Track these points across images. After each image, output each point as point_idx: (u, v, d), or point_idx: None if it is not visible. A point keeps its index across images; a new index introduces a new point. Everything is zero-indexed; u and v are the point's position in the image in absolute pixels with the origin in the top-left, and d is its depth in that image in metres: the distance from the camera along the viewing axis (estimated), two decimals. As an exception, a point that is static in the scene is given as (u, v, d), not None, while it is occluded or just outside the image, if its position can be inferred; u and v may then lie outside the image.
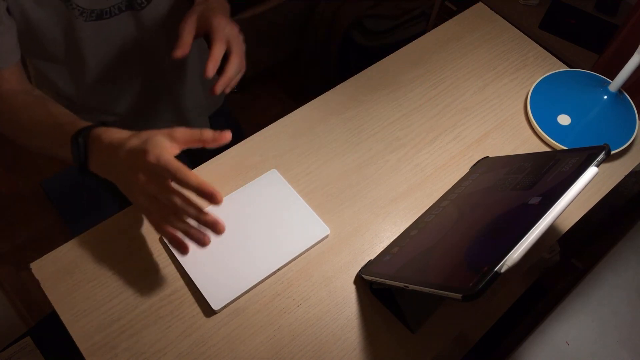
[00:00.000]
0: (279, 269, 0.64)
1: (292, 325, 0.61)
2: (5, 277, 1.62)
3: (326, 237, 0.67)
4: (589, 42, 1.64)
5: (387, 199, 0.71)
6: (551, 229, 0.62)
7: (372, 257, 0.65)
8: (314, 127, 0.77)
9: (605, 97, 0.77)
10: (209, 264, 0.62)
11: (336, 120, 0.78)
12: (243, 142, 0.75)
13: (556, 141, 0.76)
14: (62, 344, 1.35)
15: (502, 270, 0.43)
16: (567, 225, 0.71)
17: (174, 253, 0.63)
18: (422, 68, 0.85)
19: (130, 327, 0.59)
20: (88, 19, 0.68)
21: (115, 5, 0.69)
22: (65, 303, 0.60)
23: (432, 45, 0.88)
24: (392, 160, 0.75)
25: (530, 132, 0.79)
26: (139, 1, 0.71)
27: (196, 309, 0.61)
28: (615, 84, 0.75)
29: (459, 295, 0.43)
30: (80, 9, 0.66)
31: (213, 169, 0.72)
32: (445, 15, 1.86)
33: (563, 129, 0.77)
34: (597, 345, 0.77)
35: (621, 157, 0.77)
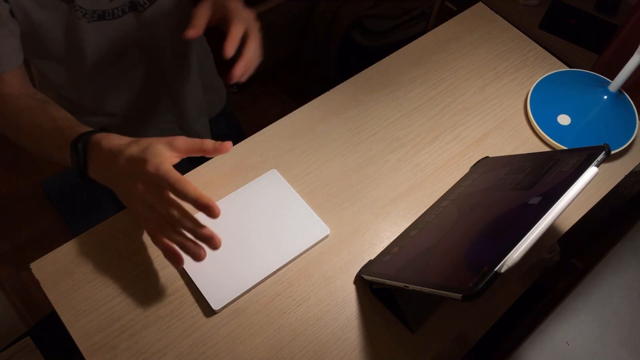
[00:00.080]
0: (279, 269, 0.64)
1: (292, 325, 0.61)
2: (5, 277, 1.62)
3: (326, 237, 0.67)
4: (589, 42, 1.64)
5: (387, 199, 0.71)
6: (551, 229, 0.62)
7: (372, 257, 0.65)
8: (314, 127, 0.77)
9: (605, 97, 0.77)
10: (209, 264, 0.62)
11: (336, 120, 0.78)
12: (243, 142, 0.75)
13: (556, 141, 0.76)
14: (62, 344, 1.35)
15: (502, 270, 0.43)
16: (567, 225, 0.71)
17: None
18: (422, 68, 0.85)
19: (130, 327, 0.59)
20: (90, 20, 0.68)
21: (119, 7, 0.69)
22: (65, 303, 0.60)
23: (432, 45, 0.88)
24: (392, 160, 0.75)
25: (530, 132, 0.79)
26: (142, 2, 0.71)
27: (196, 309, 0.61)
28: (615, 84, 0.75)
29: (459, 295, 0.43)
30: (82, 10, 0.66)
31: (213, 169, 0.72)
32: (445, 15, 1.86)
33: (563, 129, 0.77)
34: (597, 345, 0.77)
35: (621, 157, 0.77)
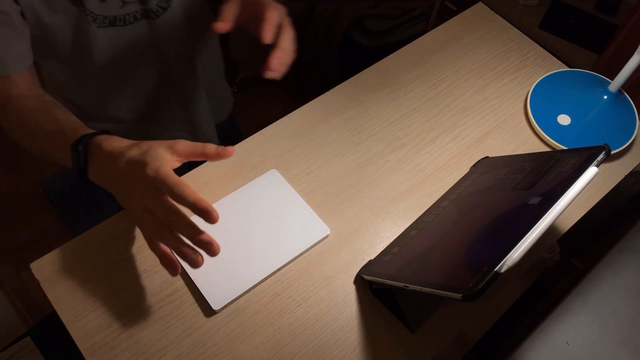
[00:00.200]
0: (279, 269, 0.64)
1: (292, 325, 0.61)
2: (5, 277, 1.62)
3: (326, 237, 0.67)
4: (589, 42, 1.64)
5: (387, 199, 0.71)
6: (551, 229, 0.62)
7: (372, 257, 0.65)
8: (314, 127, 0.77)
9: (605, 97, 0.77)
10: (209, 264, 0.62)
11: (336, 120, 0.78)
12: (243, 142, 0.75)
13: (556, 141, 0.76)
14: (62, 344, 1.35)
15: (502, 270, 0.43)
16: (567, 225, 0.71)
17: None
18: (422, 68, 0.85)
19: (130, 327, 0.59)
20: (101, 25, 0.67)
21: (130, 14, 0.69)
22: (65, 303, 0.60)
23: (432, 45, 0.88)
24: (392, 160, 0.75)
25: (530, 132, 0.79)
26: (155, 9, 0.70)
27: (196, 309, 0.61)
28: (615, 84, 0.75)
29: (459, 295, 0.43)
30: (93, 15, 0.65)
31: (213, 169, 0.72)
32: (445, 15, 1.86)
33: (563, 129, 0.77)
34: (597, 345, 0.77)
35: (621, 157, 0.77)
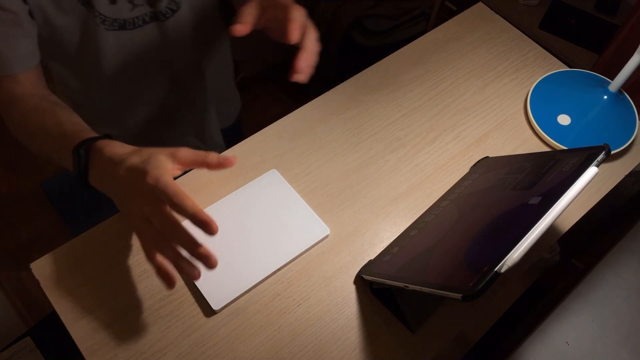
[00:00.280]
0: (279, 269, 0.64)
1: (292, 325, 0.61)
2: (5, 277, 1.62)
3: (326, 237, 0.67)
4: (589, 42, 1.64)
5: (387, 199, 0.71)
6: (551, 229, 0.62)
7: (372, 257, 0.65)
8: (314, 127, 0.77)
9: (605, 97, 0.77)
10: (209, 264, 0.62)
11: (336, 120, 0.78)
12: (243, 142, 0.75)
13: (556, 141, 0.76)
14: (62, 344, 1.35)
15: (502, 270, 0.43)
16: (567, 225, 0.71)
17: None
18: (422, 68, 0.85)
19: (130, 327, 0.59)
20: (110, 27, 0.67)
21: (139, 17, 0.68)
22: (65, 303, 0.60)
23: (432, 45, 0.88)
24: (392, 160, 0.75)
25: (530, 132, 0.79)
26: (164, 12, 0.69)
27: (196, 309, 0.61)
28: (615, 84, 0.75)
29: (459, 295, 0.43)
30: (102, 17, 0.65)
31: (213, 169, 0.72)
32: (445, 15, 1.86)
33: (563, 129, 0.77)
34: (597, 345, 0.77)
35: (621, 157, 0.77)
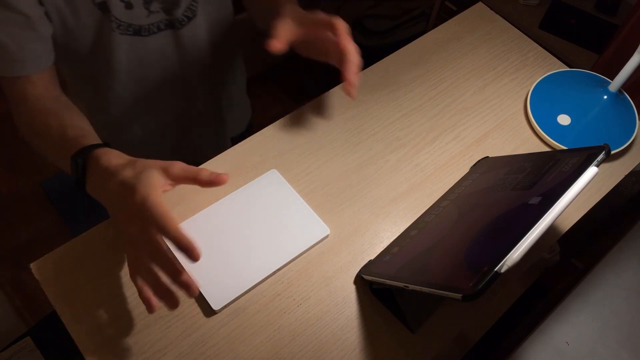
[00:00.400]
0: (279, 269, 0.64)
1: (292, 325, 0.61)
2: (5, 277, 1.62)
3: (326, 237, 0.67)
4: (589, 42, 1.64)
5: (387, 199, 0.71)
6: (551, 229, 0.62)
7: (372, 257, 0.65)
8: (314, 127, 0.77)
9: (605, 97, 0.77)
10: (209, 264, 0.62)
11: (336, 120, 0.78)
12: (243, 142, 0.75)
13: (556, 141, 0.76)
14: (62, 344, 1.35)
15: (502, 270, 0.43)
16: (567, 225, 0.71)
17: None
18: (422, 68, 0.85)
19: (131, 327, 0.59)
20: (124, 32, 0.67)
21: (155, 24, 0.68)
22: (65, 303, 0.60)
23: (432, 45, 0.88)
24: (392, 160, 0.75)
25: (530, 132, 0.79)
26: (180, 19, 0.69)
27: (196, 309, 0.61)
28: (615, 84, 0.75)
29: (459, 295, 0.43)
30: (117, 21, 0.65)
31: (213, 169, 0.71)
32: (445, 15, 1.86)
33: (563, 129, 0.77)
34: (597, 345, 0.77)
35: (621, 157, 0.77)
